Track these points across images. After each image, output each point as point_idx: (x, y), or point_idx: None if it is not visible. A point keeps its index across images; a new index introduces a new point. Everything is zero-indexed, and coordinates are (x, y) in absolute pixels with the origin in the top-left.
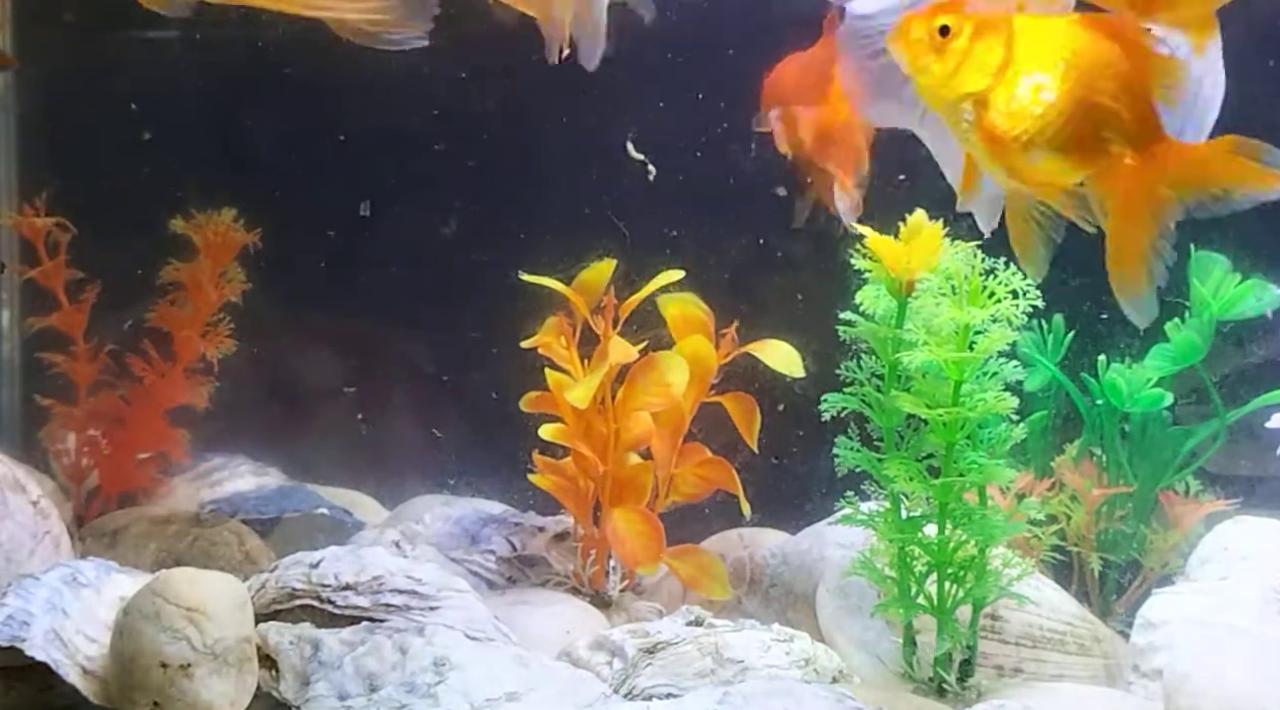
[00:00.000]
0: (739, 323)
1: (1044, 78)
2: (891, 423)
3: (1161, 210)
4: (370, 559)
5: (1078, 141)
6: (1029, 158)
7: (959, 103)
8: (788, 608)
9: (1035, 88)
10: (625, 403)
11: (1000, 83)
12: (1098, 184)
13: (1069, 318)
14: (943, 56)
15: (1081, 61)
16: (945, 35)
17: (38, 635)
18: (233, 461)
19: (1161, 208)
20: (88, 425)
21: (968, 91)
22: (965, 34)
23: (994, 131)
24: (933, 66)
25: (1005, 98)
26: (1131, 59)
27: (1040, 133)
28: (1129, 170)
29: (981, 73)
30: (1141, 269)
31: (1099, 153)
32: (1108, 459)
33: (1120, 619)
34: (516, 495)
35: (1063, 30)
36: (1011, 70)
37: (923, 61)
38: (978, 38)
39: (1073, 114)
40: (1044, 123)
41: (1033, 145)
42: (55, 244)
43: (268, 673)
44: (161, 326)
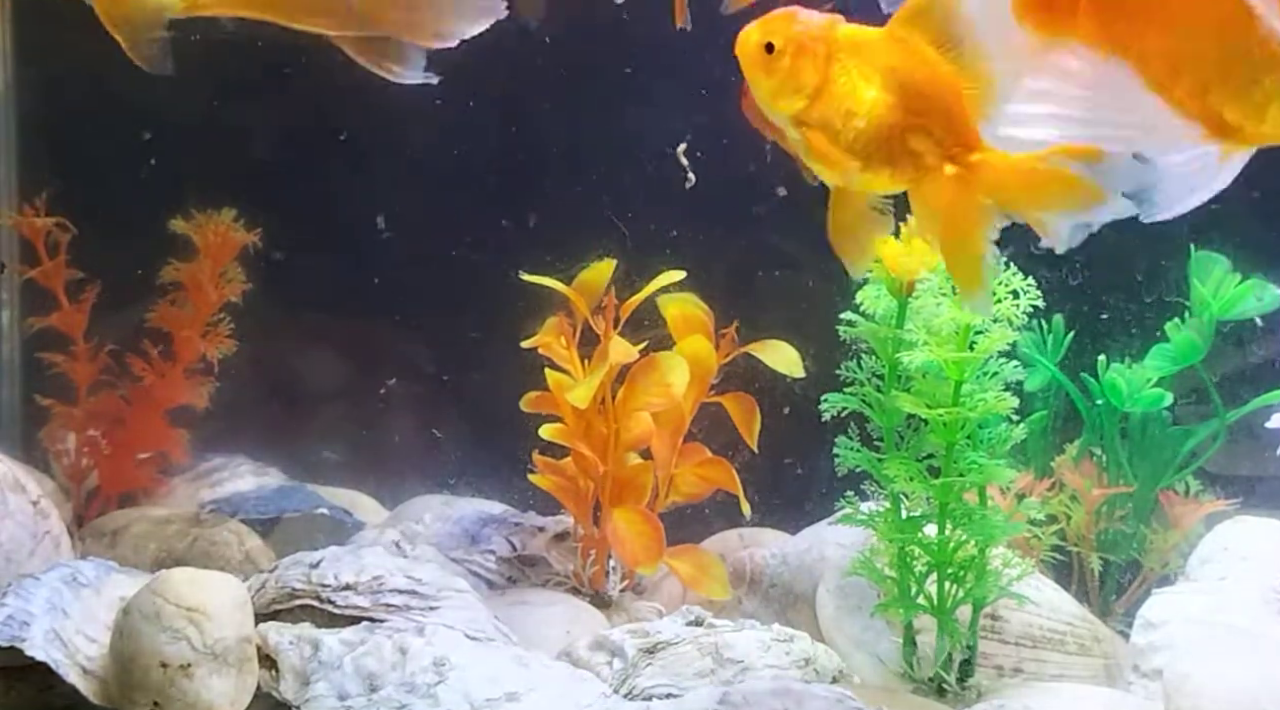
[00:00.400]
0: (739, 323)
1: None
2: (891, 423)
3: (983, 218)
4: (370, 559)
5: (894, 157)
6: (851, 173)
7: (786, 119)
8: (788, 608)
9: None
10: (625, 403)
11: (818, 102)
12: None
13: (1069, 317)
14: (770, 73)
15: (899, 81)
16: (771, 53)
17: (38, 635)
18: (233, 461)
19: (980, 218)
20: (88, 425)
21: (791, 110)
22: (788, 53)
23: (812, 147)
24: (762, 82)
25: (822, 117)
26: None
27: (857, 150)
28: (948, 180)
29: (800, 92)
30: (978, 271)
31: (917, 166)
32: (1108, 459)
33: (1120, 619)
34: (516, 495)
35: (879, 46)
36: (828, 90)
37: (755, 76)
38: (799, 57)
39: (888, 131)
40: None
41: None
42: (55, 244)
43: (268, 673)
44: (161, 326)
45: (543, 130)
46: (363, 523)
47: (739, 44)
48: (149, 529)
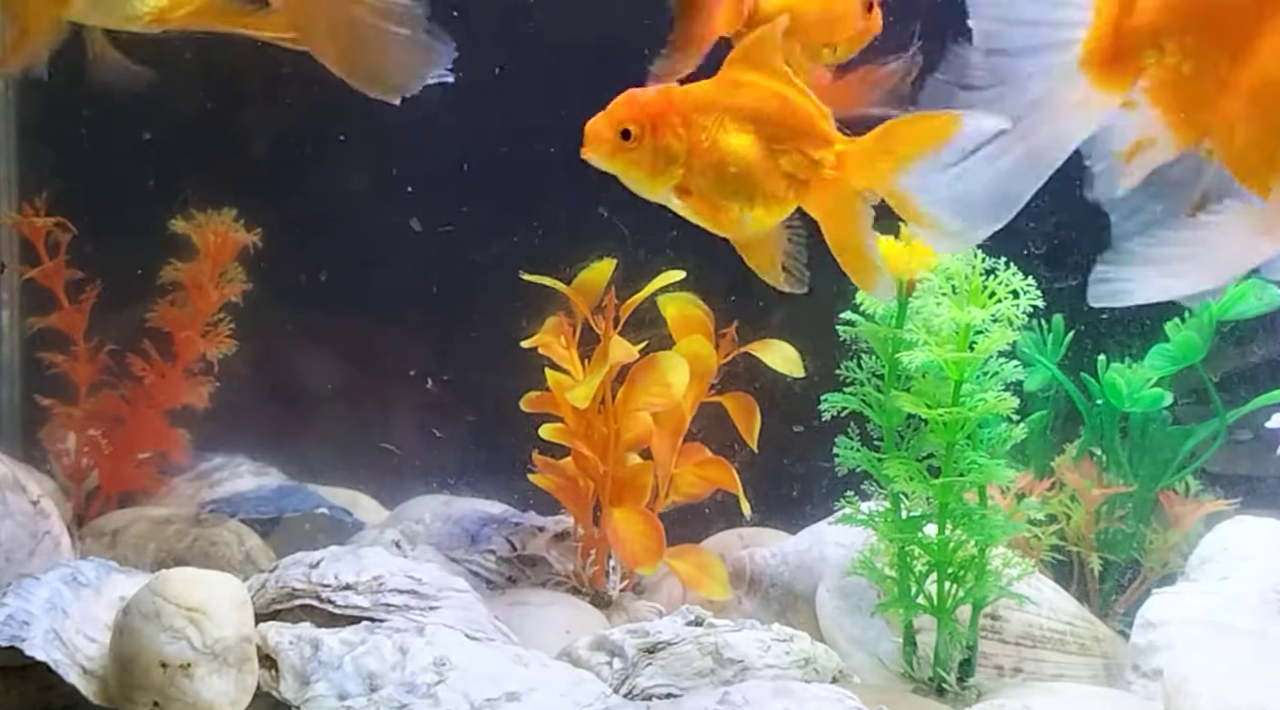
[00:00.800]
0: (739, 323)
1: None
2: (891, 423)
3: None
4: (370, 559)
5: (773, 187)
6: (743, 220)
7: (665, 194)
8: (788, 608)
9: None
10: (625, 403)
11: (692, 167)
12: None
13: (1069, 317)
14: (636, 159)
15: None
16: (629, 139)
17: (38, 635)
18: (233, 461)
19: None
20: (88, 425)
21: (671, 183)
22: (647, 133)
23: (703, 208)
24: (630, 171)
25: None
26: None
27: (739, 196)
28: (821, 184)
29: (674, 163)
30: (867, 260)
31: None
32: (1108, 459)
33: (1120, 619)
34: (516, 495)
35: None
36: (696, 152)
37: (621, 166)
38: (659, 133)
39: (761, 167)
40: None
41: (737, 206)
42: (55, 244)
43: (268, 673)
44: (161, 326)
45: (543, 130)
46: (363, 523)
47: (590, 142)
48: (149, 529)
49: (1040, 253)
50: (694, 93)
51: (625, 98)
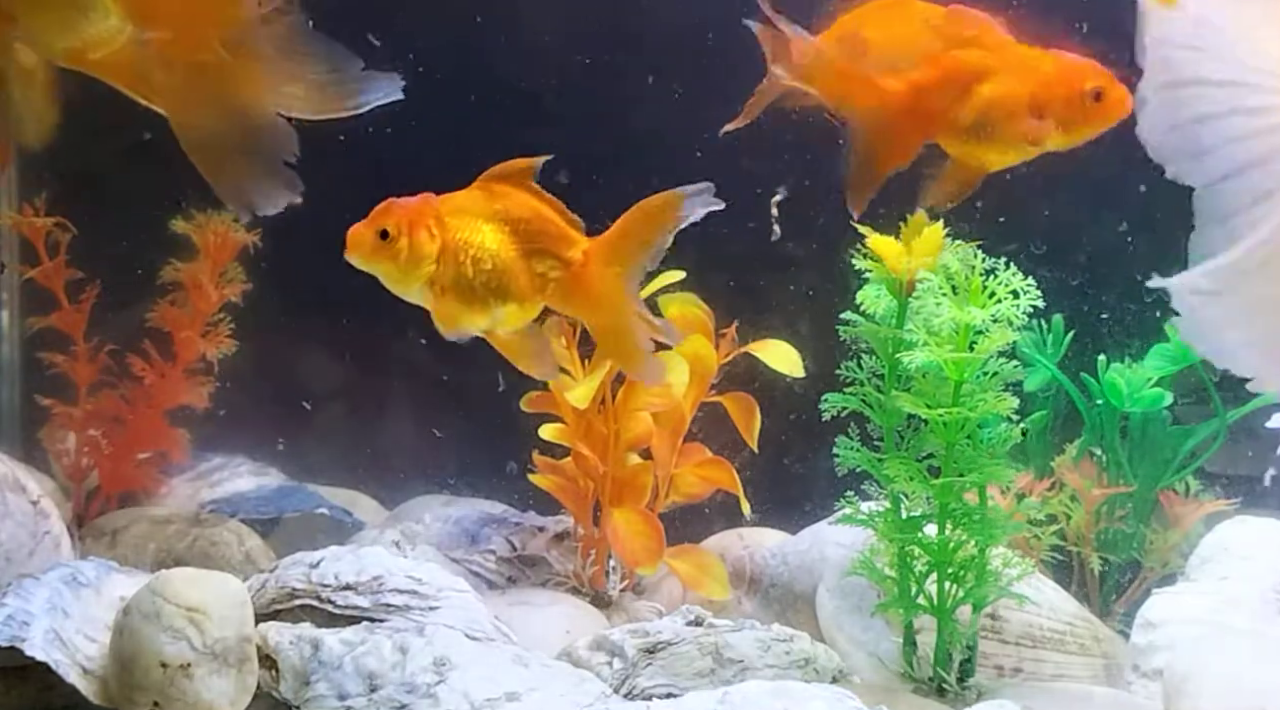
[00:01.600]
0: (739, 322)
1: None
2: (891, 423)
3: (616, 291)
4: (370, 559)
5: (523, 286)
6: (493, 315)
7: (420, 290)
8: (788, 608)
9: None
10: (625, 403)
11: (444, 265)
12: (558, 303)
13: (1069, 317)
14: (392, 256)
15: (502, 221)
16: (386, 239)
17: (38, 635)
18: (233, 461)
19: (617, 291)
20: (88, 425)
21: (422, 279)
22: (403, 233)
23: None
24: (385, 266)
25: (451, 276)
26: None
27: (491, 293)
28: (575, 281)
29: (426, 262)
30: (635, 345)
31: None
32: (1108, 459)
33: (1120, 619)
34: (516, 495)
35: (478, 199)
36: (448, 252)
37: (378, 263)
38: (414, 232)
39: (511, 267)
40: (494, 281)
41: (489, 305)
42: (55, 244)
43: (268, 673)
44: (161, 326)
45: (543, 129)
46: (363, 523)
47: (351, 246)
48: (149, 529)
49: (1040, 252)
50: (451, 198)
51: (385, 205)
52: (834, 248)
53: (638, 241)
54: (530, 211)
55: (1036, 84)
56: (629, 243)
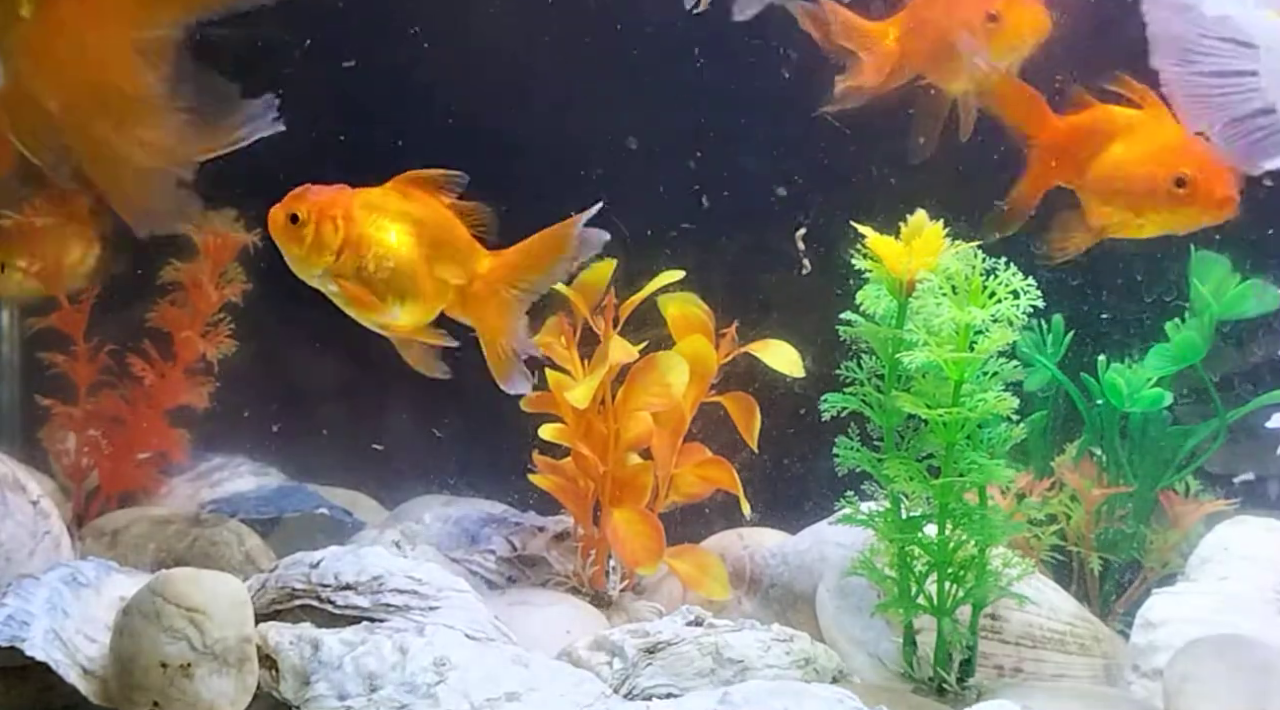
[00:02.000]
0: (739, 322)
1: (382, 245)
2: (891, 423)
3: (509, 310)
4: (370, 559)
5: (422, 288)
6: (390, 313)
7: (321, 276)
8: (788, 608)
9: (376, 256)
10: (625, 403)
11: (345, 257)
12: (453, 310)
13: (1069, 318)
14: (299, 240)
15: (410, 223)
16: (296, 223)
17: (38, 635)
18: (233, 461)
19: (508, 308)
20: (88, 425)
21: (322, 267)
22: (312, 221)
23: (355, 296)
24: (292, 248)
25: (352, 269)
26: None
27: (390, 290)
28: (474, 293)
29: (327, 251)
30: (511, 357)
31: (445, 290)
32: (1108, 459)
33: (1120, 619)
34: (516, 495)
35: (391, 200)
36: (351, 245)
37: (286, 244)
38: (320, 222)
39: (412, 268)
40: (391, 282)
41: (388, 301)
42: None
43: (268, 673)
44: (161, 326)
45: (542, 129)
46: (363, 523)
47: (270, 223)
48: (149, 529)
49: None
50: (365, 194)
51: (300, 191)
52: (833, 248)
53: (535, 266)
54: (439, 219)
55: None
56: (527, 266)
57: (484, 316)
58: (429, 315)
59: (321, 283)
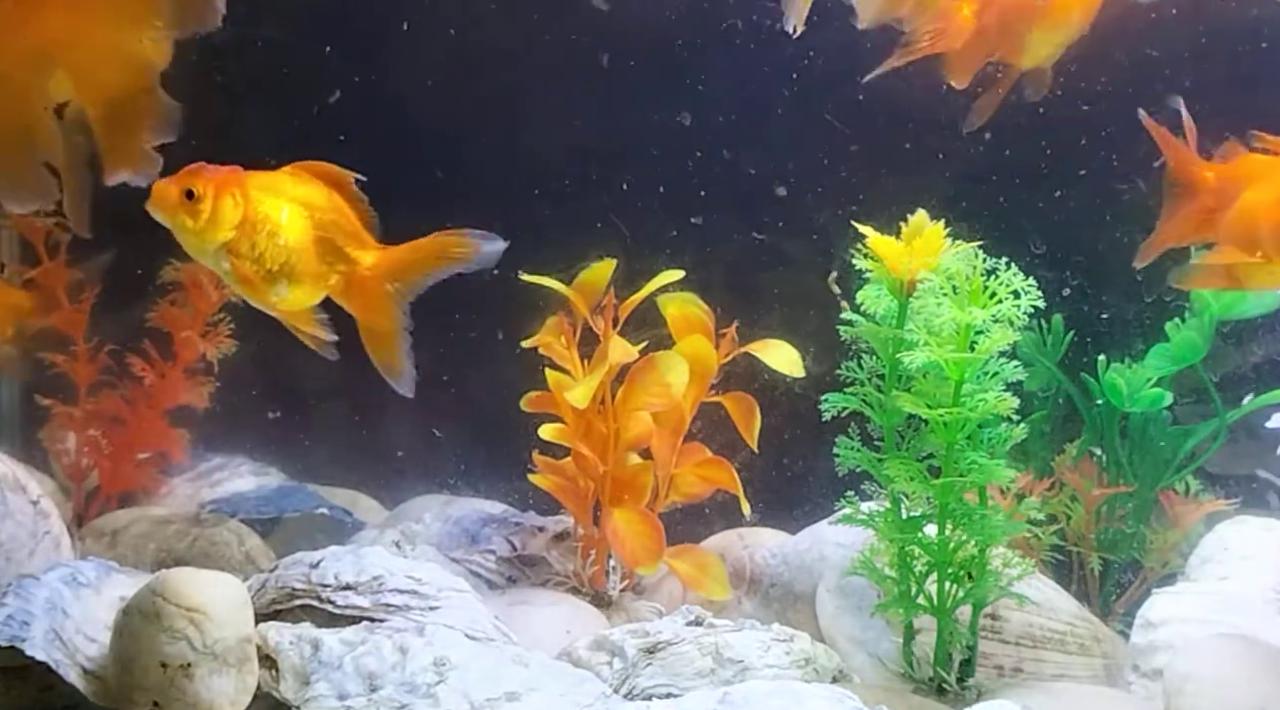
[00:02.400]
0: (739, 322)
1: (276, 225)
2: (892, 423)
3: (393, 302)
4: (370, 559)
5: (311, 271)
6: (278, 291)
7: (215, 253)
8: (788, 608)
9: (270, 234)
10: (625, 403)
11: (242, 234)
12: (337, 296)
13: (1069, 318)
14: (195, 216)
15: (303, 206)
16: (192, 198)
17: (38, 635)
18: (233, 461)
19: (392, 300)
20: (88, 425)
21: (218, 243)
22: (209, 196)
23: (245, 274)
24: (186, 223)
25: (248, 246)
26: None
27: (281, 270)
28: (358, 280)
29: (225, 227)
30: (396, 352)
31: (331, 275)
32: (1108, 459)
33: (1120, 619)
34: (516, 495)
35: (286, 181)
36: (249, 223)
37: (179, 220)
38: (219, 197)
39: (303, 250)
40: (282, 262)
41: (277, 281)
42: (55, 244)
43: (268, 672)
44: (161, 326)
45: (542, 129)
46: (363, 523)
47: (155, 198)
48: (149, 529)
49: (1040, 252)
50: (260, 175)
51: (196, 167)
52: (834, 248)
53: (421, 266)
54: (331, 206)
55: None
56: (414, 264)
57: (365, 306)
58: (314, 298)
59: (214, 260)
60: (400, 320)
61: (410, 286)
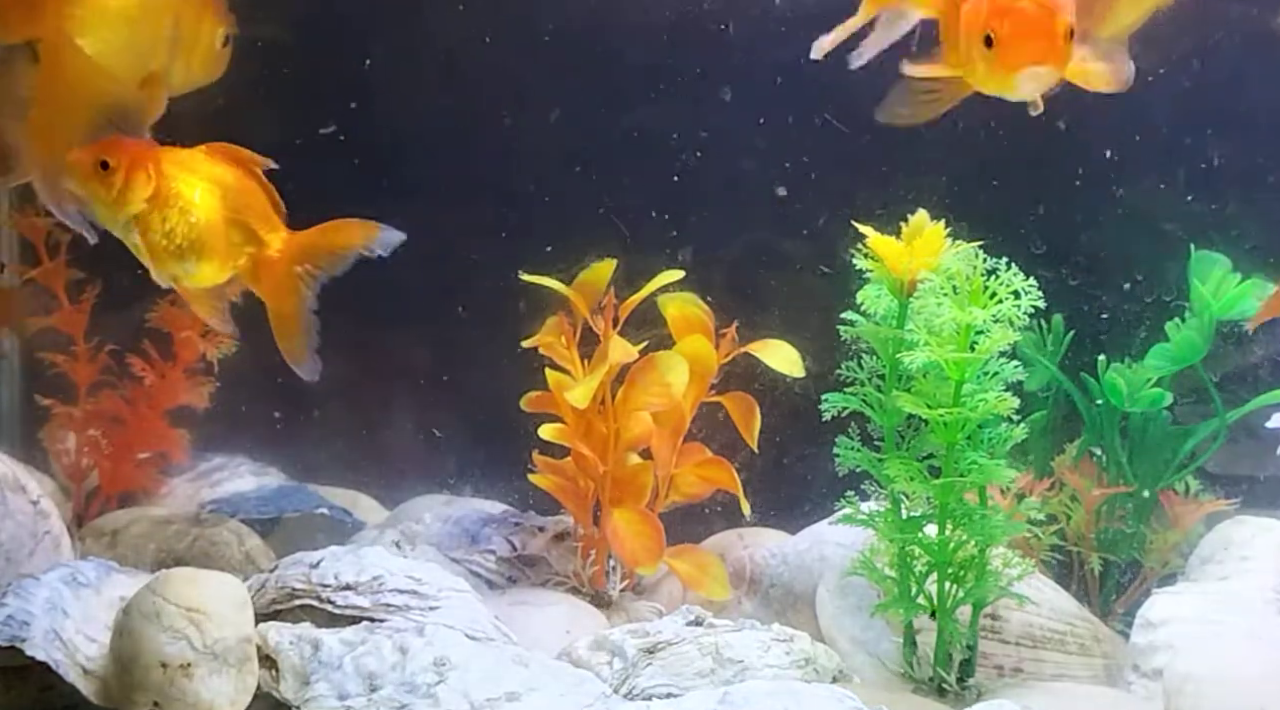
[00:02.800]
0: (739, 322)
1: (188, 201)
2: (892, 423)
3: (299, 285)
4: (370, 559)
5: (219, 249)
6: (185, 266)
7: (125, 224)
8: (788, 608)
9: (182, 211)
10: (625, 403)
11: (153, 207)
12: (247, 278)
13: (1069, 317)
14: (107, 186)
15: (216, 185)
16: (106, 169)
17: (38, 635)
18: (233, 461)
19: (300, 282)
20: (88, 425)
21: (130, 215)
22: (122, 168)
23: (155, 247)
24: (100, 193)
25: (158, 220)
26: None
27: (190, 246)
28: (266, 262)
29: (136, 200)
30: (300, 335)
31: (240, 255)
32: (1108, 459)
33: (1120, 619)
34: (516, 495)
35: (198, 160)
36: (160, 197)
37: (91, 188)
38: (132, 171)
39: (213, 228)
40: (191, 238)
41: (185, 256)
42: (55, 244)
43: (268, 673)
44: (161, 326)
45: (543, 129)
46: (363, 523)
47: (71, 166)
48: (149, 529)
49: (1040, 253)
50: (174, 151)
51: (113, 139)
52: (834, 248)
53: (328, 251)
54: (243, 186)
55: None
56: (320, 248)
57: (273, 288)
58: (221, 276)
59: (124, 231)
60: (307, 303)
61: (318, 269)
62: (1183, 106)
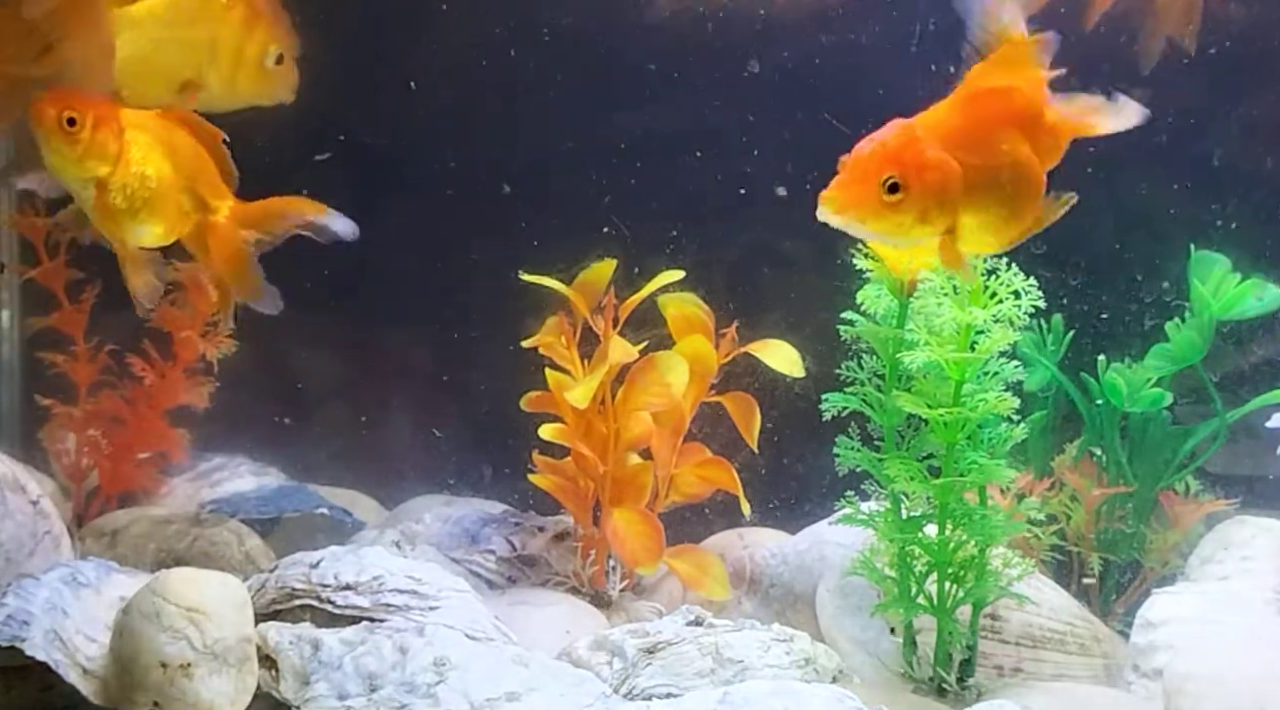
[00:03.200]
0: (739, 322)
1: (148, 163)
2: (892, 423)
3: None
4: (370, 559)
5: (170, 212)
6: (135, 228)
7: (85, 182)
8: (787, 608)
9: (140, 174)
10: (625, 403)
11: (118, 167)
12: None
13: (1069, 317)
14: (73, 142)
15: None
16: (73, 126)
17: (38, 635)
18: (233, 461)
19: (240, 248)
20: (88, 425)
21: (93, 175)
22: (89, 125)
23: (110, 207)
24: (64, 149)
25: (119, 181)
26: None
27: (144, 207)
28: (215, 227)
29: (105, 161)
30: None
31: (189, 220)
32: (1108, 459)
33: (1120, 619)
34: (516, 495)
35: (159, 123)
36: (123, 159)
37: (54, 143)
38: (100, 128)
39: (167, 190)
40: (150, 198)
41: (139, 218)
42: (55, 244)
43: (268, 673)
44: (161, 326)
45: (543, 130)
46: (363, 523)
47: (36, 117)
48: (149, 529)
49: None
50: (135, 114)
51: (70, 92)
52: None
53: (273, 220)
54: (195, 152)
55: None
56: (267, 217)
57: (219, 251)
58: (168, 239)
59: (82, 188)
60: (252, 258)
61: (262, 236)
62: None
